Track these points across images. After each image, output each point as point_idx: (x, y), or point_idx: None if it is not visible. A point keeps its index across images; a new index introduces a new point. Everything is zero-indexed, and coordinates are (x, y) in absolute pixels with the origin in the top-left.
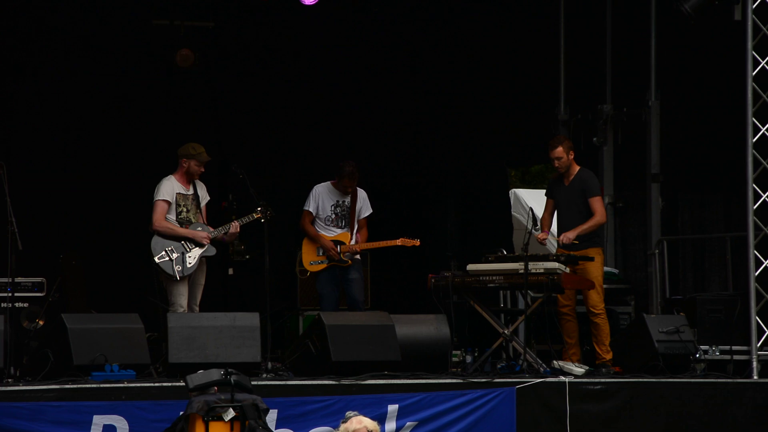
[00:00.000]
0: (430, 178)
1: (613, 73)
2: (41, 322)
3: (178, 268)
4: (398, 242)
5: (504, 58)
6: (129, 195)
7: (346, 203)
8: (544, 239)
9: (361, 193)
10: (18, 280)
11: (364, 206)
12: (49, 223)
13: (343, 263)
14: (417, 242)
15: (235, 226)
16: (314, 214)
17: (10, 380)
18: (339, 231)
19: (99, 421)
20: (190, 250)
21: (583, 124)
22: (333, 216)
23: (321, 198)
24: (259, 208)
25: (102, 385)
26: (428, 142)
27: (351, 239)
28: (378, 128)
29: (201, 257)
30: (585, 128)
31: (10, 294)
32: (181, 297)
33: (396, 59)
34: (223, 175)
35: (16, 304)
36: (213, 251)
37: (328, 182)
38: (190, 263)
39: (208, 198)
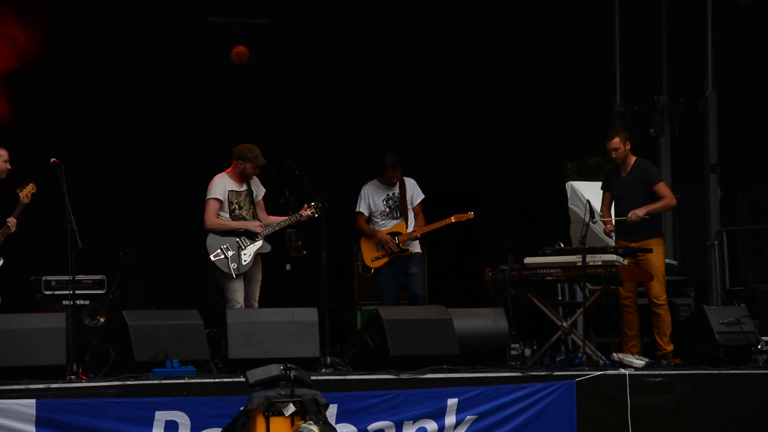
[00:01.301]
0: (487, 171)
1: (670, 63)
2: (102, 319)
3: (233, 265)
4: (452, 219)
5: (560, 49)
6: (185, 192)
7: (396, 194)
8: (613, 229)
9: (410, 181)
10: (78, 277)
11: (414, 193)
12: (107, 220)
13: (403, 252)
14: (471, 215)
15: (306, 212)
16: (367, 213)
17: (73, 377)
18: (394, 222)
19: (161, 416)
20: (245, 247)
21: (639, 116)
22: (387, 210)
23: (371, 196)
24: (317, 204)
25: (163, 381)
26: (484, 136)
27: (407, 228)
28: (433, 123)
29: (256, 254)
30: (641, 120)
31: (71, 292)
32: (238, 294)
33: (452, 54)
34: (279, 170)
35: (78, 302)
36: (268, 248)
37: (374, 180)
38: (245, 260)
39: (264, 190)
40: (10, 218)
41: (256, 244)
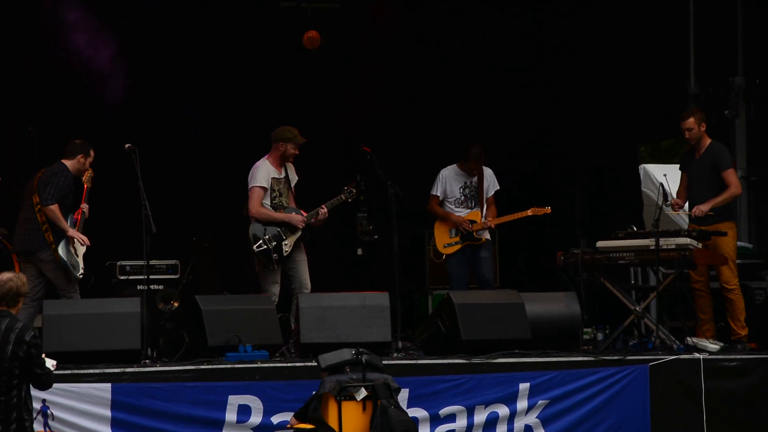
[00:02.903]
0: (559, 154)
1: (745, 44)
2: (176, 304)
3: (275, 256)
4: (529, 212)
5: (633, 32)
6: None
7: (474, 183)
8: (679, 207)
9: (488, 171)
10: (153, 262)
11: (491, 184)
12: (181, 206)
13: (476, 241)
14: (548, 209)
15: (323, 212)
16: (441, 197)
17: (147, 361)
18: (468, 211)
19: (234, 401)
20: (286, 237)
21: (714, 98)
22: (462, 198)
23: (448, 181)
24: (345, 188)
25: (236, 366)
26: (556, 119)
27: (481, 217)
28: (504, 106)
29: (297, 242)
30: (716, 102)
31: (146, 277)
32: (275, 285)
33: (523, 36)
34: (351, 155)
35: (152, 287)
36: (308, 236)
37: (454, 165)
38: (286, 251)
39: (297, 178)
40: (83, 204)
41: (296, 234)
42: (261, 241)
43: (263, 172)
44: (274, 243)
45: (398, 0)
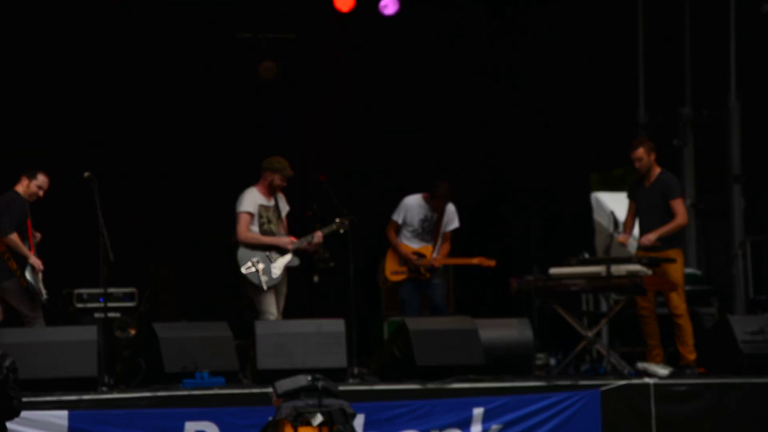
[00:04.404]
0: (512, 182)
1: (693, 74)
2: (133, 332)
3: (264, 278)
4: (475, 261)
5: (583, 61)
6: (215, 205)
7: (434, 218)
8: (625, 241)
9: (450, 208)
10: (110, 290)
11: (450, 221)
12: (138, 233)
13: (422, 276)
14: (493, 263)
15: (318, 236)
16: (400, 224)
17: (104, 388)
18: (422, 244)
19: (191, 427)
20: (275, 260)
21: (663, 127)
22: (420, 230)
23: (410, 210)
24: (337, 220)
25: (193, 392)
26: (509, 147)
27: (433, 253)
28: (458, 133)
29: (285, 267)
30: (665, 131)
31: (102, 304)
32: (271, 305)
33: (475, 65)
34: (307, 184)
35: (109, 314)
36: (297, 261)
37: (419, 195)
38: (275, 274)
39: (288, 208)
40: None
41: (285, 257)
42: (249, 263)
43: (249, 199)
44: (262, 265)
45: (354, 31)
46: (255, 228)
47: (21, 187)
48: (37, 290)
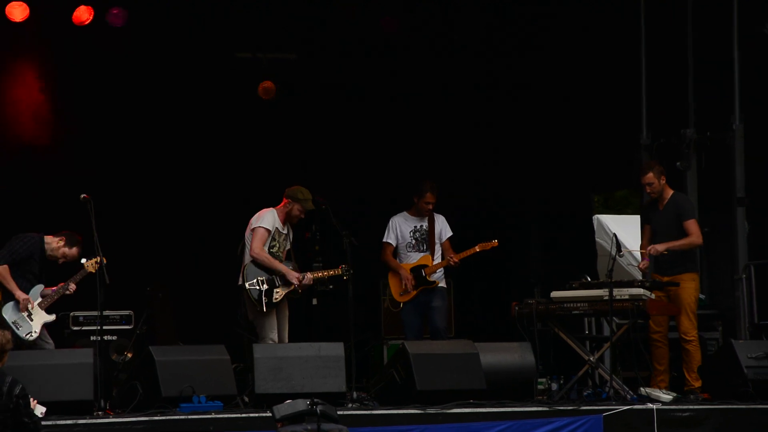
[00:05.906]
0: (513, 204)
1: (696, 96)
2: (129, 355)
3: (265, 299)
4: (476, 248)
5: (586, 83)
6: (213, 226)
7: (424, 227)
8: (645, 267)
9: (439, 217)
10: (106, 313)
11: (443, 229)
12: (136, 256)
13: (429, 285)
14: (495, 243)
15: (308, 278)
16: (394, 244)
17: (100, 413)
18: (420, 255)
19: None
20: (279, 285)
21: (666, 149)
22: (413, 242)
23: (399, 227)
24: (342, 266)
25: (190, 417)
26: (511, 170)
27: (433, 261)
28: (460, 156)
29: (286, 295)
30: (668, 153)
31: (99, 327)
32: (272, 331)
33: (478, 86)
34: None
35: (105, 337)
36: (298, 294)
37: (403, 211)
38: (276, 298)
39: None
40: (72, 283)
41: (288, 287)
42: (255, 280)
43: (270, 218)
44: (266, 287)
45: (353, 49)
46: (265, 248)
47: (51, 240)
48: (12, 324)
